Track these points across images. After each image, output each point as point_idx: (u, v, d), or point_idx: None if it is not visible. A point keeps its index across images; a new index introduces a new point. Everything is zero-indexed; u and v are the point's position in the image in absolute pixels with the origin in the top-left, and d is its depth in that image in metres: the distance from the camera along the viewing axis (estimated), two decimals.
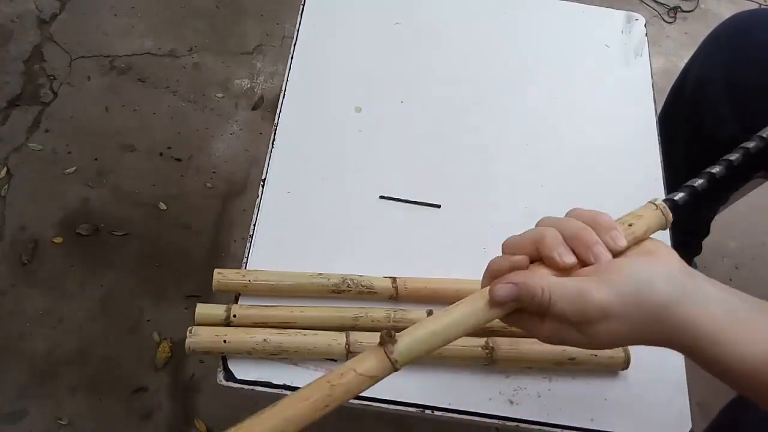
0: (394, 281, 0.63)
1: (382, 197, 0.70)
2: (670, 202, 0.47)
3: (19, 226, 1.27)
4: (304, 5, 0.85)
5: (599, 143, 0.75)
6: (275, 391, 0.58)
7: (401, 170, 0.73)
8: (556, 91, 0.83)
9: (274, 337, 0.58)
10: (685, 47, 1.78)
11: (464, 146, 0.76)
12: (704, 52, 0.95)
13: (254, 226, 0.67)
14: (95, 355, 1.15)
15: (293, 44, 0.82)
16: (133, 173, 1.36)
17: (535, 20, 0.90)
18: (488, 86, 0.82)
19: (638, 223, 0.44)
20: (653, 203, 0.46)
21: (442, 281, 0.64)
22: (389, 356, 0.39)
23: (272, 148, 0.73)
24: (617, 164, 0.76)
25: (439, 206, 0.71)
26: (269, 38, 1.63)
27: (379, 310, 0.61)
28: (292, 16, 1.65)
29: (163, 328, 1.18)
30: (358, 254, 0.66)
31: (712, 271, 1.35)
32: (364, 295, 0.62)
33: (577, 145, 0.78)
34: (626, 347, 0.61)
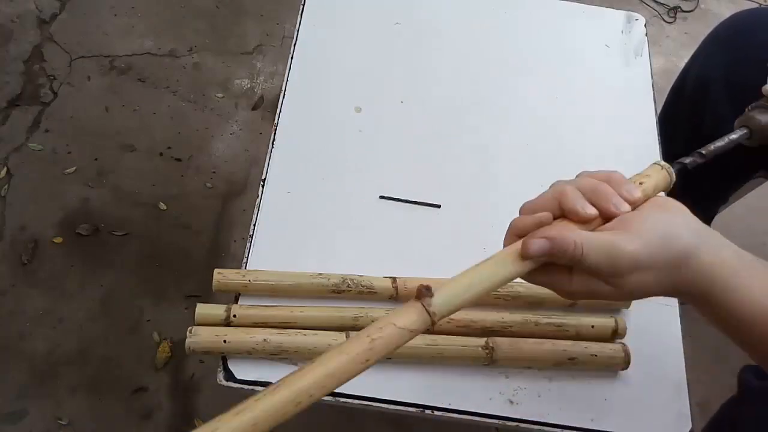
0: (394, 281, 0.63)
1: (382, 197, 0.70)
2: (677, 165, 0.50)
3: (19, 226, 1.26)
4: (304, 5, 0.85)
5: (599, 143, 0.75)
6: None
7: (401, 170, 0.73)
8: (556, 91, 0.83)
9: (274, 337, 0.58)
10: (685, 47, 1.78)
11: (464, 146, 0.76)
12: (704, 51, 0.95)
13: (254, 226, 0.67)
14: (95, 355, 1.15)
15: (293, 44, 0.82)
16: (133, 173, 1.36)
17: (535, 20, 0.90)
18: (488, 86, 0.82)
19: (648, 181, 0.46)
20: (658, 164, 0.49)
21: (442, 281, 0.64)
22: (427, 309, 0.39)
23: (272, 148, 0.73)
24: (617, 164, 0.76)
25: (439, 206, 0.71)
26: (269, 38, 1.63)
27: (379, 310, 0.61)
28: (292, 16, 1.65)
29: (163, 328, 1.18)
30: (358, 254, 0.66)
31: None
32: (364, 295, 0.62)
33: (576, 144, 0.78)
34: (627, 348, 0.61)
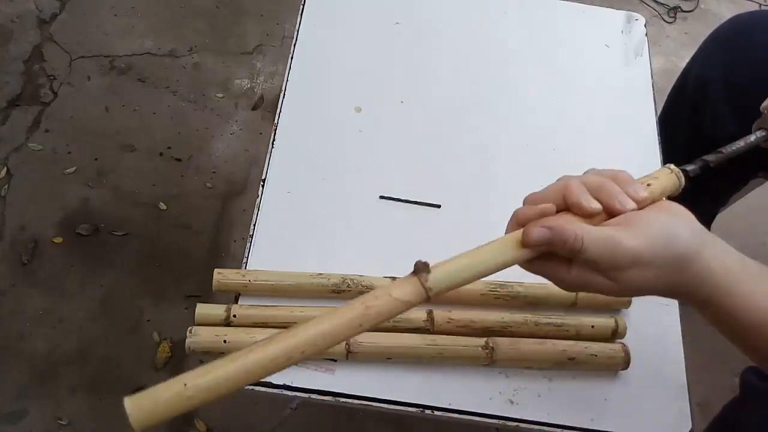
0: (394, 281, 0.63)
1: (382, 197, 0.70)
2: (700, 162, 0.50)
3: (19, 226, 1.26)
4: (304, 5, 0.85)
5: (599, 143, 0.75)
6: (275, 391, 0.58)
7: (401, 170, 0.73)
8: (556, 91, 0.83)
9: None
10: (685, 47, 1.78)
11: (464, 146, 0.76)
12: (705, 52, 0.95)
13: (254, 226, 0.67)
14: (95, 355, 1.15)
15: (293, 44, 0.82)
16: (133, 173, 1.36)
17: (535, 20, 0.90)
18: (488, 86, 0.82)
19: (655, 183, 0.46)
20: (668, 167, 0.48)
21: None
22: (423, 284, 0.40)
23: (272, 148, 0.73)
24: (617, 164, 0.76)
25: (439, 206, 0.71)
26: (269, 38, 1.63)
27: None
28: (292, 16, 1.65)
29: (163, 328, 1.18)
30: (358, 254, 0.66)
31: None
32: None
33: (577, 144, 0.78)
34: (627, 348, 0.61)
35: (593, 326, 0.62)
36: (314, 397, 0.58)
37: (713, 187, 1.00)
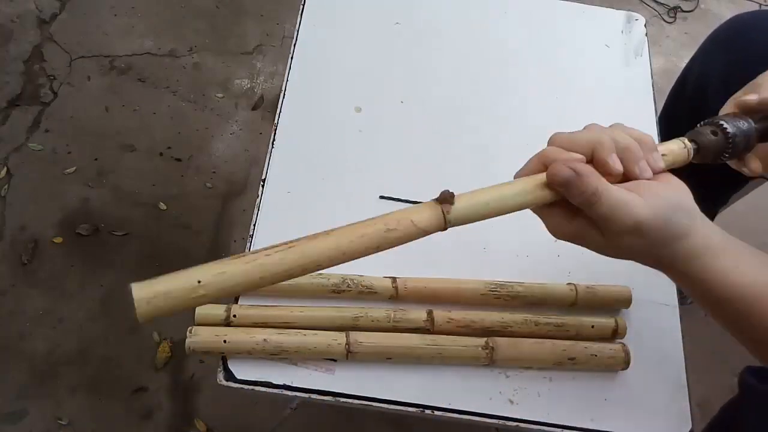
0: (394, 281, 0.63)
1: (382, 197, 0.70)
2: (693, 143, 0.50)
3: (19, 226, 1.27)
4: (304, 5, 0.85)
5: None
6: (275, 391, 0.58)
7: (401, 170, 0.73)
8: (556, 91, 0.83)
9: (274, 336, 0.58)
10: (685, 47, 1.78)
11: (464, 146, 0.76)
12: (704, 52, 0.95)
13: (254, 226, 0.67)
14: (95, 355, 1.15)
15: (293, 44, 0.82)
16: (133, 173, 1.36)
17: (535, 20, 0.90)
18: (488, 86, 0.82)
19: (669, 156, 0.47)
20: (682, 141, 0.49)
21: (442, 281, 0.64)
22: (445, 214, 0.41)
23: (272, 148, 0.73)
24: None
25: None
26: (269, 38, 1.63)
27: (379, 310, 0.61)
28: (292, 15, 1.65)
29: (163, 328, 1.18)
30: None
31: None
32: (364, 295, 0.62)
33: None
34: (627, 348, 0.61)
35: (593, 326, 0.62)
36: (314, 397, 0.58)
37: (713, 186, 1.00)
